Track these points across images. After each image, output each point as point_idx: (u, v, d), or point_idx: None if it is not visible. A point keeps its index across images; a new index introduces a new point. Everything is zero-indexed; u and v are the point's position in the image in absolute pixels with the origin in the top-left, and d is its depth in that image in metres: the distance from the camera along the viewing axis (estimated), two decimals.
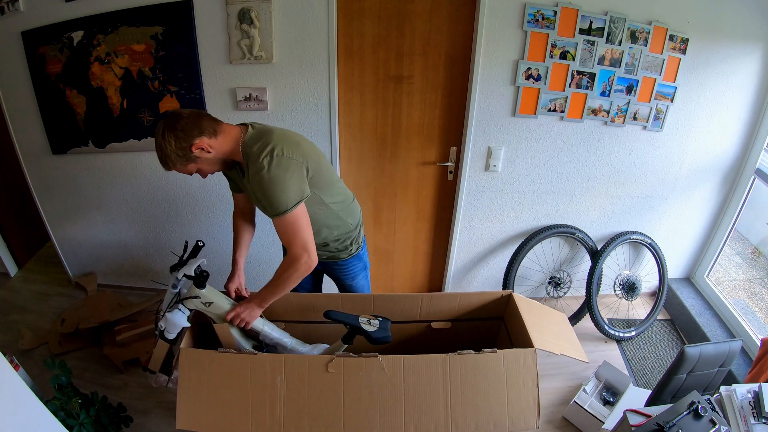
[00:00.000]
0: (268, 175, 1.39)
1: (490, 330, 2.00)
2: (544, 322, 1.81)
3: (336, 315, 1.62)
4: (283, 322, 1.87)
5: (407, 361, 1.52)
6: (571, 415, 2.15)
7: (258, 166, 1.40)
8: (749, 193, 2.64)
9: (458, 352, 1.55)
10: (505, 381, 1.57)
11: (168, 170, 1.47)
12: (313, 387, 1.49)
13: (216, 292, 1.63)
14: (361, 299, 1.87)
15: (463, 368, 1.54)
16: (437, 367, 1.53)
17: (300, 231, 1.47)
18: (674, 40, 2.25)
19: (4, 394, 1.20)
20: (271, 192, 1.41)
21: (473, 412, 1.54)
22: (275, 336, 1.71)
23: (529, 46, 2.18)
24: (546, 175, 2.55)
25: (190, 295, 1.58)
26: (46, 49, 2.20)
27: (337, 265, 1.86)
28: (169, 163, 1.44)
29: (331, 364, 1.49)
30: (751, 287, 3.19)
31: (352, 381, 1.50)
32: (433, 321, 1.94)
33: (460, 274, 2.88)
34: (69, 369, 1.86)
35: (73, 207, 2.67)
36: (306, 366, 1.50)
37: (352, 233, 1.80)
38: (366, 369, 1.51)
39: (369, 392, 1.50)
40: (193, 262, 1.58)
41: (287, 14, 2.11)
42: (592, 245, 2.69)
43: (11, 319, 2.67)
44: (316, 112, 2.31)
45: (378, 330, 1.63)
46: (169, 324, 1.58)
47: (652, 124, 2.44)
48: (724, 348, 1.80)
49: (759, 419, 1.53)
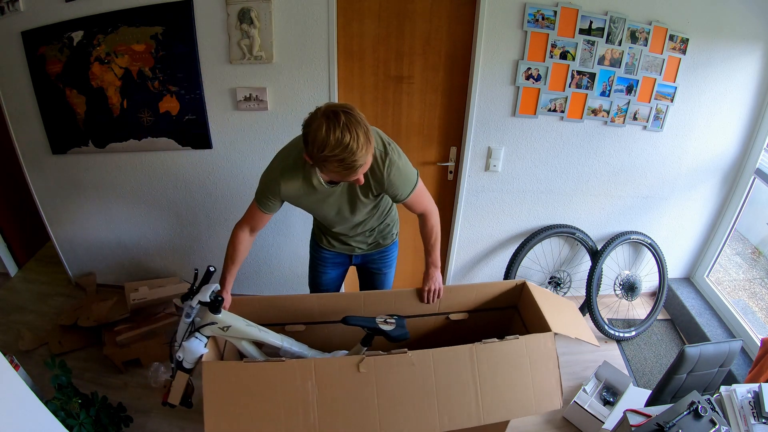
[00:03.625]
0: (399, 161, 1.50)
1: (502, 319, 2.05)
2: (557, 309, 1.85)
3: (354, 320, 1.65)
4: (303, 324, 1.88)
5: (436, 354, 1.55)
6: (571, 415, 2.15)
7: (387, 162, 1.48)
8: (749, 193, 2.64)
9: (483, 341, 1.59)
10: (528, 365, 1.62)
11: (357, 173, 1.34)
12: (345, 388, 1.49)
13: (232, 316, 1.62)
14: (382, 296, 1.90)
15: (488, 356, 1.59)
16: (464, 357, 1.57)
17: (427, 191, 1.66)
18: (674, 40, 2.25)
19: (4, 394, 1.20)
20: (405, 175, 1.52)
21: (502, 398, 1.58)
22: (295, 350, 1.71)
23: (529, 46, 2.18)
24: (546, 175, 2.55)
25: (206, 321, 1.55)
26: (46, 49, 2.20)
27: (379, 253, 1.90)
28: (367, 160, 1.32)
29: (361, 364, 1.49)
30: (751, 287, 3.19)
31: (383, 379, 1.51)
32: (451, 313, 1.97)
33: (460, 274, 2.88)
34: (69, 369, 1.86)
35: (73, 207, 2.67)
36: (336, 368, 1.50)
37: (395, 215, 1.88)
38: (396, 365, 1.52)
39: (401, 388, 1.52)
40: (207, 288, 1.55)
41: (287, 14, 2.11)
42: (592, 245, 2.69)
43: (11, 319, 2.67)
44: None
45: (396, 328, 1.67)
46: (187, 353, 1.54)
47: (652, 124, 2.44)
48: (724, 348, 1.80)
49: (759, 419, 1.53)
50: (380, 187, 1.54)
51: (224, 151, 2.43)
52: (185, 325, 1.58)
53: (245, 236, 1.66)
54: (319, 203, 1.59)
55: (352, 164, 1.29)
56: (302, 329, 1.86)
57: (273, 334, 1.70)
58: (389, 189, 1.54)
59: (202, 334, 1.56)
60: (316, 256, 1.96)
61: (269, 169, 1.56)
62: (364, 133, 1.27)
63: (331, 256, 1.91)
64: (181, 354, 1.55)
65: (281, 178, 1.51)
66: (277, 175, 1.51)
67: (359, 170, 1.33)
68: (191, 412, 2.16)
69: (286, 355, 1.69)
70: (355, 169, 1.31)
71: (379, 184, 1.52)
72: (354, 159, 1.27)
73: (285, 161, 1.52)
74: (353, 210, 1.62)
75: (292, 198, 1.56)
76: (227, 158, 2.45)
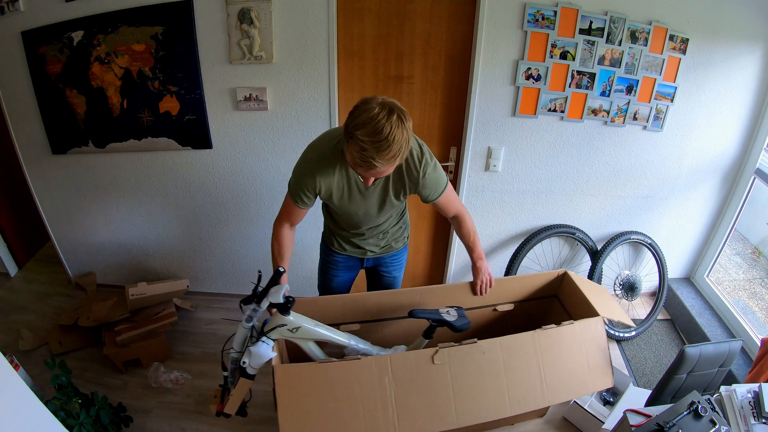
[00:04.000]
0: (431, 162, 1.53)
1: (540, 307, 2.14)
2: (596, 295, 1.97)
3: (420, 313, 1.72)
4: (359, 323, 1.92)
5: (503, 342, 1.64)
6: (571, 415, 2.15)
7: (424, 162, 1.51)
8: (749, 193, 2.64)
9: (543, 328, 1.71)
10: (583, 347, 1.76)
11: (368, 172, 1.31)
12: (421, 381, 1.55)
13: (300, 316, 1.60)
14: (440, 290, 1.96)
15: (549, 341, 1.71)
16: (527, 343, 1.68)
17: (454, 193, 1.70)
18: (674, 40, 2.25)
19: (4, 394, 1.20)
20: (438, 176, 1.56)
21: (563, 380, 1.71)
22: (361, 348, 1.71)
23: (529, 46, 2.18)
24: (546, 175, 2.55)
25: (275, 324, 1.52)
26: (46, 49, 2.20)
27: (390, 256, 1.90)
28: (385, 169, 1.30)
29: (436, 356, 1.56)
30: (751, 287, 3.19)
31: (457, 368, 1.58)
32: (498, 305, 2.06)
33: (460, 274, 2.88)
34: (69, 369, 1.86)
35: (73, 207, 2.67)
36: (412, 362, 1.56)
37: (407, 219, 1.88)
38: (468, 355, 1.60)
39: (474, 376, 1.60)
40: (278, 289, 1.47)
41: (287, 14, 2.11)
42: (592, 245, 2.69)
43: (11, 319, 2.67)
44: (316, 112, 2.32)
45: (458, 318, 1.73)
46: (254, 358, 1.49)
47: (652, 124, 2.44)
48: (724, 348, 1.80)
49: (759, 419, 1.53)
50: (414, 187, 1.55)
51: (224, 151, 2.43)
52: (245, 330, 1.54)
53: (286, 231, 1.65)
54: (352, 200, 1.57)
55: (369, 160, 1.24)
56: (357, 328, 1.90)
57: (340, 333, 1.70)
58: (423, 189, 1.56)
59: (270, 337, 1.52)
60: (327, 260, 1.94)
61: (303, 162, 1.52)
62: (400, 143, 1.24)
63: (343, 260, 1.89)
64: (247, 359, 1.50)
65: (317, 171, 1.48)
66: (313, 168, 1.48)
67: (372, 171, 1.30)
68: (191, 412, 2.16)
69: (351, 353, 1.69)
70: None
71: (413, 184, 1.53)
72: (374, 157, 1.23)
73: (322, 153, 1.48)
74: (381, 209, 1.62)
75: (326, 191, 1.53)
76: (227, 158, 2.45)
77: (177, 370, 2.33)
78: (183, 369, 2.37)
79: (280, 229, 1.64)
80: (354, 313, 1.89)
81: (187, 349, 2.52)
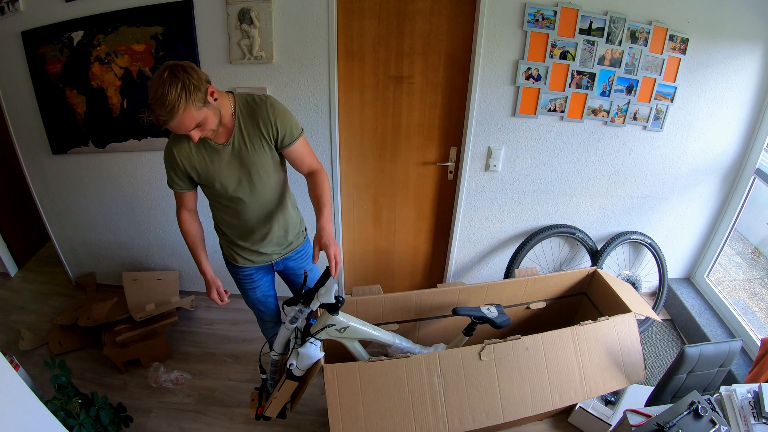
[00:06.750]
0: (279, 104, 1.53)
1: (569, 304, 2.21)
2: (625, 292, 2.04)
3: (462, 311, 1.76)
4: (397, 323, 1.96)
5: (545, 338, 1.70)
6: (576, 420, 2.13)
7: (269, 102, 1.52)
8: (749, 193, 2.64)
9: (581, 324, 1.76)
10: (618, 342, 1.82)
11: (173, 117, 1.31)
12: (469, 377, 1.60)
13: (348, 316, 1.59)
14: (476, 289, 2.02)
15: (587, 337, 1.77)
16: (567, 338, 1.74)
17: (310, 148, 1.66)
18: (674, 40, 2.25)
19: (4, 394, 1.20)
20: (289, 115, 1.54)
21: (600, 374, 1.77)
22: (405, 346, 1.73)
23: (529, 46, 2.18)
24: (546, 175, 2.55)
25: (325, 324, 1.51)
26: (46, 49, 2.20)
27: (296, 253, 1.83)
28: (188, 101, 1.30)
29: (483, 353, 1.61)
30: (751, 287, 3.19)
31: (502, 364, 1.63)
32: (531, 302, 2.12)
33: (460, 274, 2.88)
34: (69, 369, 1.86)
35: (73, 207, 2.67)
36: (459, 358, 1.61)
37: (299, 213, 1.83)
38: (512, 350, 1.65)
39: (518, 372, 1.65)
40: (328, 289, 1.44)
41: (287, 14, 2.11)
42: (592, 245, 2.69)
43: (11, 319, 2.68)
44: (316, 112, 2.32)
45: (499, 315, 1.78)
46: (302, 359, 1.48)
47: (652, 124, 2.44)
48: (724, 348, 1.80)
49: (759, 419, 1.53)
50: (268, 125, 1.50)
51: None
52: (289, 331, 1.53)
53: (185, 217, 1.69)
54: (214, 164, 1.53)
55: (158, 117, 1.31)
56: (395, 328, 1.93)
57: (385, 332, 1.71)
58: (279, 126, 1.51)
59: (317, 338, 1.51)
60: (238, 278, 1.85)
61: (165, 146, 1.55)
62: (178, 89, 1.27)
63: (253, 272, 1.82)
64: (294, 361, 1.49)
65: (173, 146, 1.51)
66: (170, 146, 1.52)
67: (173, 123, 1.32)
68: (191, 412, 2.16)
69: (395, 352, 1.71)
70: (179, 110, 1.29)
71: (267, 122, 1.50)
72: (176, 101, 1.28)
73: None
74: (252, 171, 1.55)
75: (188, 163, 1.52)
76: None
77: (177, 370, 2.34)
78: (183, 369, 2.37)
79: (180, 217, 1.70)
80: (394, 313, 1.92)
81: (187, 349, 2.52)
